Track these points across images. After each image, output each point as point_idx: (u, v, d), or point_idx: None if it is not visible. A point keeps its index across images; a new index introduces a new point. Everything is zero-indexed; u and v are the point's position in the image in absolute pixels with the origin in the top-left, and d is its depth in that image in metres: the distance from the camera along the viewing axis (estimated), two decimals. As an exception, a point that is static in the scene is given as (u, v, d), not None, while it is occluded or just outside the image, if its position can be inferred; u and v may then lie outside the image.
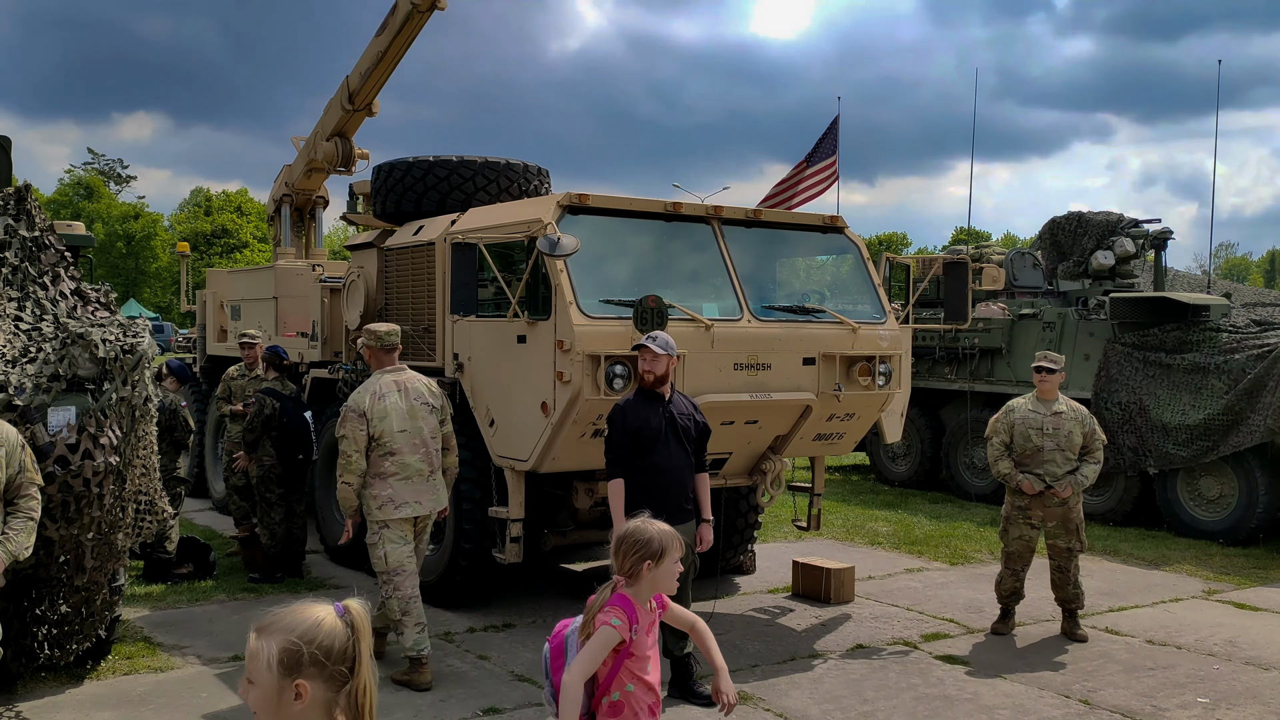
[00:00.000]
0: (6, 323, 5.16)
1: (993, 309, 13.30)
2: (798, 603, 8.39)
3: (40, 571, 5.33)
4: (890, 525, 11.64)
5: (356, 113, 12.04)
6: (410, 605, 6.27)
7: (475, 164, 8.60)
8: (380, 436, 6.23)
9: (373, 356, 6.55)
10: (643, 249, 7.42)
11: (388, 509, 6.25)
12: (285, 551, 8.70)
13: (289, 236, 13.24)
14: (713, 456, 7.47)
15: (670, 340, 6.01)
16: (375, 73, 11.41)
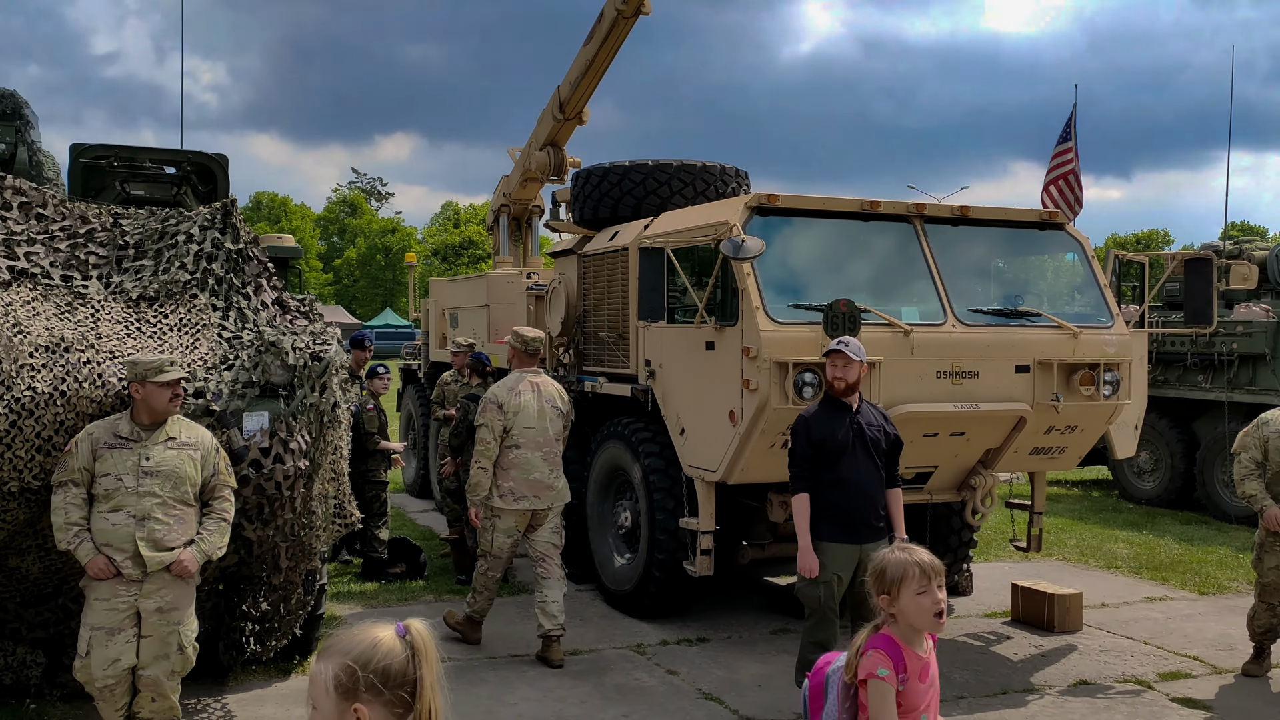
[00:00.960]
0: (211, 331, 5.43)
1: (1254, 310, 11.97)
2: (1016, 629, 7.76)
3: (243, 570, 5.58)
4: (1131, 547, 10.65)
5: (567, 121, 12.20)
6: (490, 585, 6.98)
7: (670, 168, 8.48)
8: (510, 430, 6.75)
9: (515, 357, 7.05)
10: (837, 251, 7.06)
11: (507, 499, 6.77)
12: (489, 555, 8.85)
13: (506, 245, 13.60)
14: (916, 470, 7.03)
15: (861, 346, 5.69)
16: (584, 81, 11.52)
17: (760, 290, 6.42)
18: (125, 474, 4.65)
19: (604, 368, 8.45)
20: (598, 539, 8.36)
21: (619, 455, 8.01)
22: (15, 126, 7.21)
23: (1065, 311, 7.32)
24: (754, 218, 6.67)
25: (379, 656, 1.87)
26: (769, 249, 6.69)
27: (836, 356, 5.66)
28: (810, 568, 5.59)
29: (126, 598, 4.65)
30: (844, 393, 5.69)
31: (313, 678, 1.92)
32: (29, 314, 4.99)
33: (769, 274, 6.63)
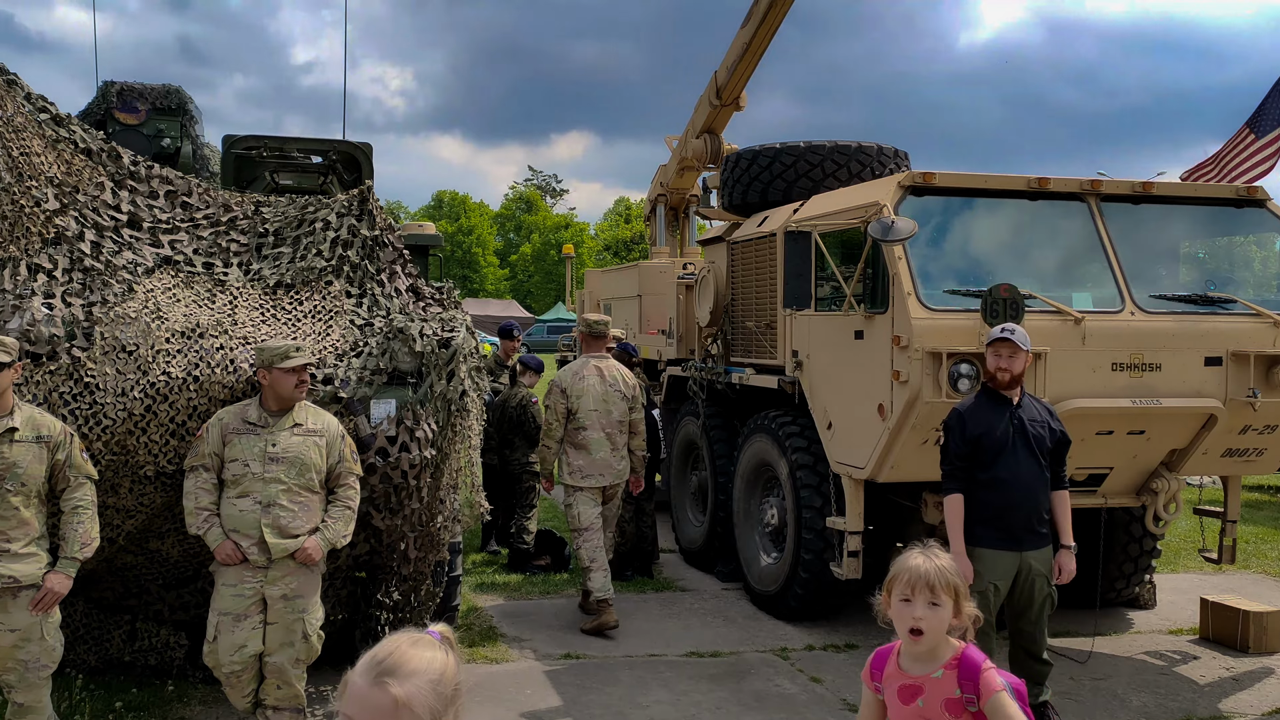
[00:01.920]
0: (343, 318, 5.41)
1: None
2: (1205, 649, 7.04)
3: (375, 559, 5.55)
4: (1342, 561, 9.60)
5: (725, 107, 11.91)
6: (596, 554, 7.15)
7: (823, 149, 8.07)
8: (575, 412, 7.21)
9: (584, 341, 7.54)
10: (1000, 233, 6.53)
11: (576, 477, 7.27)
12: (635, 550, 8.67)
13: (664, 235, 13.40)
14: (1089, 471, 6.45)
15: (1026, 335, 5.22)
16: (741, 64, 11.20)
17: (913, 275, 5.98)
18: (252, 460, 4.65)
19: (752, 358, 8.14)
20: (744, 536, 8.06)
21: (766, 450, 7.68)
22: (181, 122, 7.43)
23: (1268, 298, 6.56)
24: (907, 198, 6.23)
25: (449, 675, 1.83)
26: (923, 231, 6.26)
27: (1001, 346, 5.20)
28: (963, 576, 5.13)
29: (253, 584, 4.65)
30: (1007, 386, 5.23)
31: (366, 695, 1.75)
32: (170, 300, 5.07)
33: (923, 258, 6.18)
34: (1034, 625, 5.40)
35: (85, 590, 5.46)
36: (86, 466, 4.41)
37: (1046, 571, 5.27)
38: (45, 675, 4.35)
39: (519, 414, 8.92)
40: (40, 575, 4.28)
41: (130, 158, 5.55)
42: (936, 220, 6.37)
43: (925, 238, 6.24)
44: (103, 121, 7.48)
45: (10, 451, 4.22)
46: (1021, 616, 5.39)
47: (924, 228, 6.28)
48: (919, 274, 6.04)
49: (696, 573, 8.95)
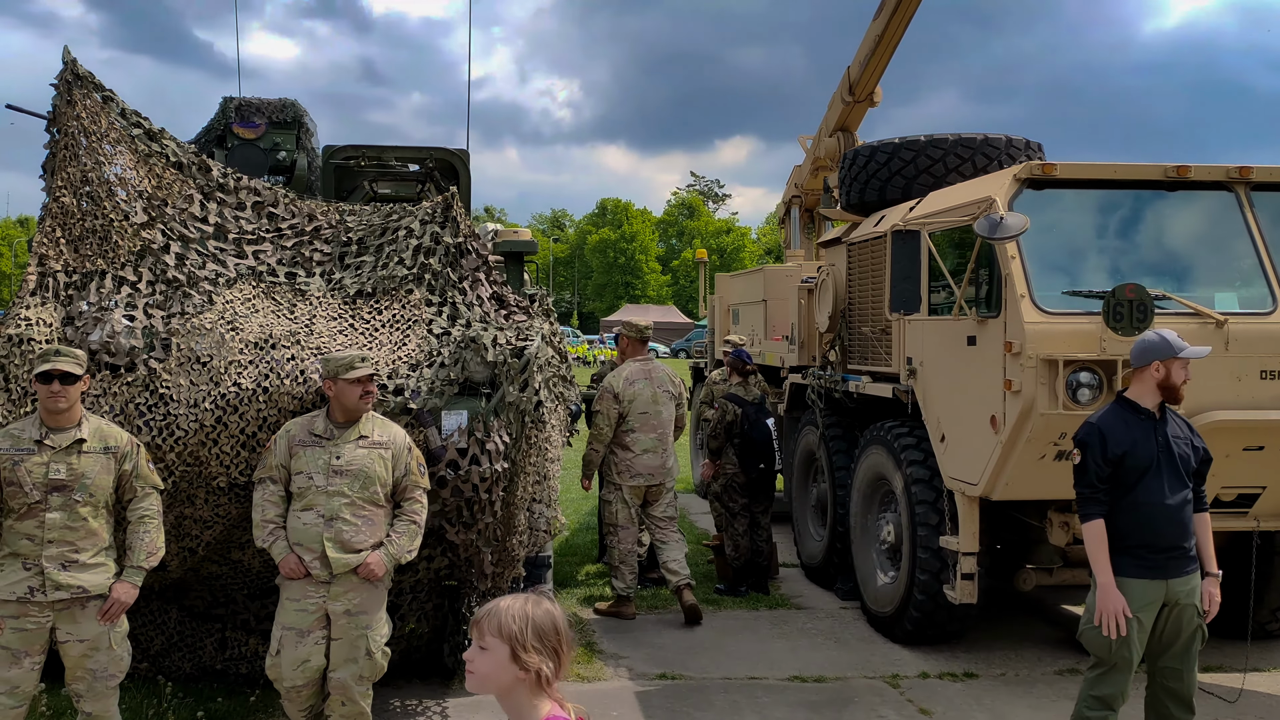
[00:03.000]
0: (421, 327, 5.33)
1: None
2: (1380, 691, 6.25)
3: (456, 573, 5.44)
4: None
5: (858, 104, 11.51)
6: (628, 556, 7.55)
7: (945, 142, 7.58)
8: (627, 415, 7.45)
9: (629, 345, 7.79)
10: (1132, 228, 5.94)
11: (624, 475, 7.51)
12: (749, 565, 8.36)
13: (798, 238, 13.03)
14: (1239, 491, 5.83)
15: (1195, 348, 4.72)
16: (874, 59, 10.80)
17: (1027, 276, 5.50)
18: (316, 472, 4.60)
19: (868, 366, 7.72)
20: (860, 553, 7.65)
21: (881, 463, 7.26)
22: (296, 135, 7.55)
23: None
24: (1024, 192, 5.74)
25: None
26: (1043, 227, 5.76)
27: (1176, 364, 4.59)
28: (1115, 609, 4.53)
29: (316, 599, 4.59)
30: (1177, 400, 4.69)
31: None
32: (248, 311, 5.09)
33: (1041, 257, 5.68)
34: (1181, 662, 4.81)
35: (178, 599, 5.55)
36: (153, 477, 4.44)
37: (1195, 601, 4.71)
38: (113, 685, 4.38)
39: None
40: (108, 585, 4.32)
41: (220, 170, 5.62)
42: (1058, 216, 5.86)
43: (1044, 235, 5.75)
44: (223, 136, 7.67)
45: (79, 463, 4.28)
46: (1166, 652, 4.78)
47: (1043, 224, 5.79)
48: (1035, 275, 5.55)
49: (816, 590, 8.56)
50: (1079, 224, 5.91)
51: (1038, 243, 5.71)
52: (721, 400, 8.47)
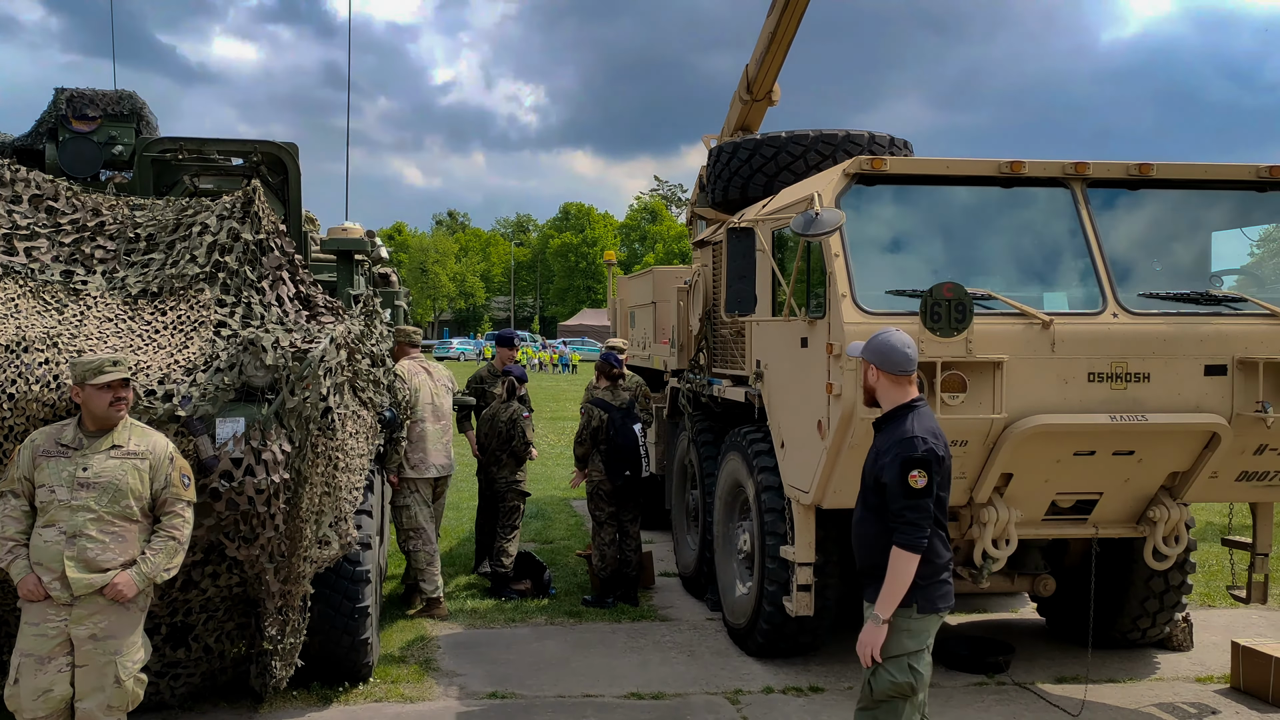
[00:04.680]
0: (208, 329, 5.02)
1: None
2: (1231, 701, 6.08)
3: (249, 592, 5.14)
4: None
5: (757, 103, 11.28)
6: (434, 559, 7.60)
7: (806, 139, 7.37)
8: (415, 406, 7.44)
9: (399, 349, 7.71)
10: (966, 226, 5.74)
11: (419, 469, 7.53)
12: (616, 575, 8.09)
13: (704, 240, 12.79)
14: (1076, 497, 5.63)
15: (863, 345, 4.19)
16: (768, 56, 10.57)
17: (850, 275, 5.27)
18: (59, 485, 4.28)
19: (730, 369, 7.49)
20: (722, 563, 7.41)
21: (738, 469, 7.02)
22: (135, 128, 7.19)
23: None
24: (854, 187, 5.52)
25: None
26: (871, 224, 5.55)
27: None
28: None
29: (56, 623, 4.27)
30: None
31: None
32: (5, 312, 4.76)
33: (870, 255, 5.47)
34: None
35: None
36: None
37: None
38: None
39: (508, 429, 8.43)
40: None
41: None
42: (889, 212, 5.64)
43: (872, 232, 5.54)
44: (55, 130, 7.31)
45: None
46: None
47: (873, 221, 5.58)
48: (862, 274, 5.33)
49: (688, 600, 8.31)
50: (913, 221, 5.70)
51: (867, 241, 5.49)
52: (587, 405, 8.21)
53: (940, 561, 3.86)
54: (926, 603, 3.83)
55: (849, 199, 5.47)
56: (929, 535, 3.76)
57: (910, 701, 3.84)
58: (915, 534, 3.74)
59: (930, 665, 3.92)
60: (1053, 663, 6.71)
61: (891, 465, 3.77)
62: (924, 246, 5.66)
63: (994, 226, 5.71)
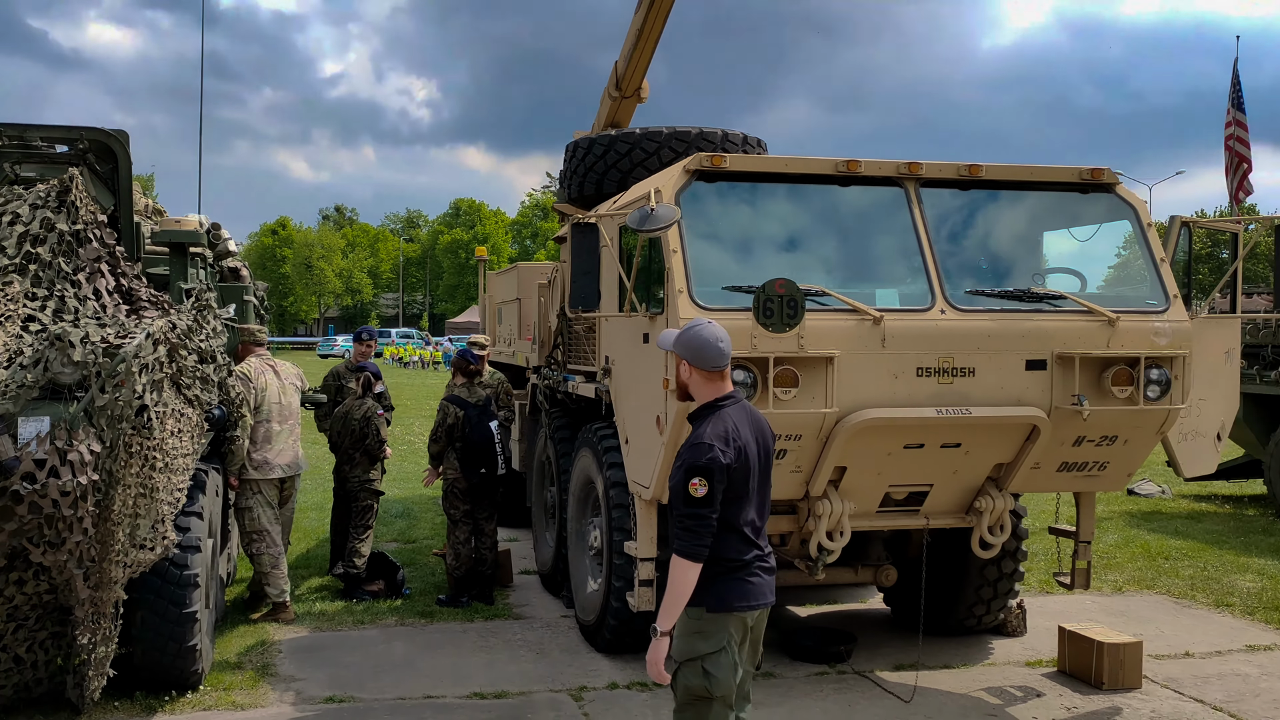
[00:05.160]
0: (14, 324, 4.78)
1: None
2: (1057, 684, 6.31)
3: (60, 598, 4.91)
4: (1260, 580, 8.82)
5: (626, 99, 11.27)
6: (279, 561, 7.42)
7: (660, 135, 7.41)
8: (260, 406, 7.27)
9: (244, 349, 7.53)
10: (803, 223, 5.83)
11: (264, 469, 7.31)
12: (471, 574, 8.00)
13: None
14: (908, 489, 5.76)
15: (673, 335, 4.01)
16: (636, 52, 10.56)
17: (687, 271, 5.30)
18: None
19: (583, 365, 7.47)
20: (575, 559, 7.39)
21: (589, 466, 7.02)
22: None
23: (1106, 294, 5.85)
24: (694, 184, 5.55)
25: None
26: (710, 221, 5.59)
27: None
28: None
29: None
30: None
31: None
32: None
33: (709, 251, 5.51)
34: None
35: None
36: None
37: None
38: None
39: (362, 427, 8.26)
40: None
41: None
42: (730, 209, 5.69)
43: (712, 228, 5.58)
44: None
45: None
46: None
47: (714, 217, 5.62)
48: (700, 269, 5.36)
49: (546, 598, 8.27)
50: (753, 218, 5.76)
51: (707, 237, 5.53)
52: (443, 403, 8.10)
53: (733, 559, 3.74)
54: (717, 602, 3.71)
55: (689, 195, 5.50)
56: (708, 544, 3.65)
57: (715, 703, 3.72)
58: (694, 541, 3.65)
59: (735, 666, 3.77)
60: (895, 651, 6.86)
61: (677, 470, 3.70)
62: (763, 243, 5.73)
63: (832, 224, 5.81)
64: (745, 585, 3.76)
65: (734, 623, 3.74)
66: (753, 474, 3.77)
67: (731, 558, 3.73)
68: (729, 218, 5.68)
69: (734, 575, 3.74)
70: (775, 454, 5.33)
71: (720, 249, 5.60)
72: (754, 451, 3.78)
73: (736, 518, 3.73)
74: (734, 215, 5.70)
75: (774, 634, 7.12)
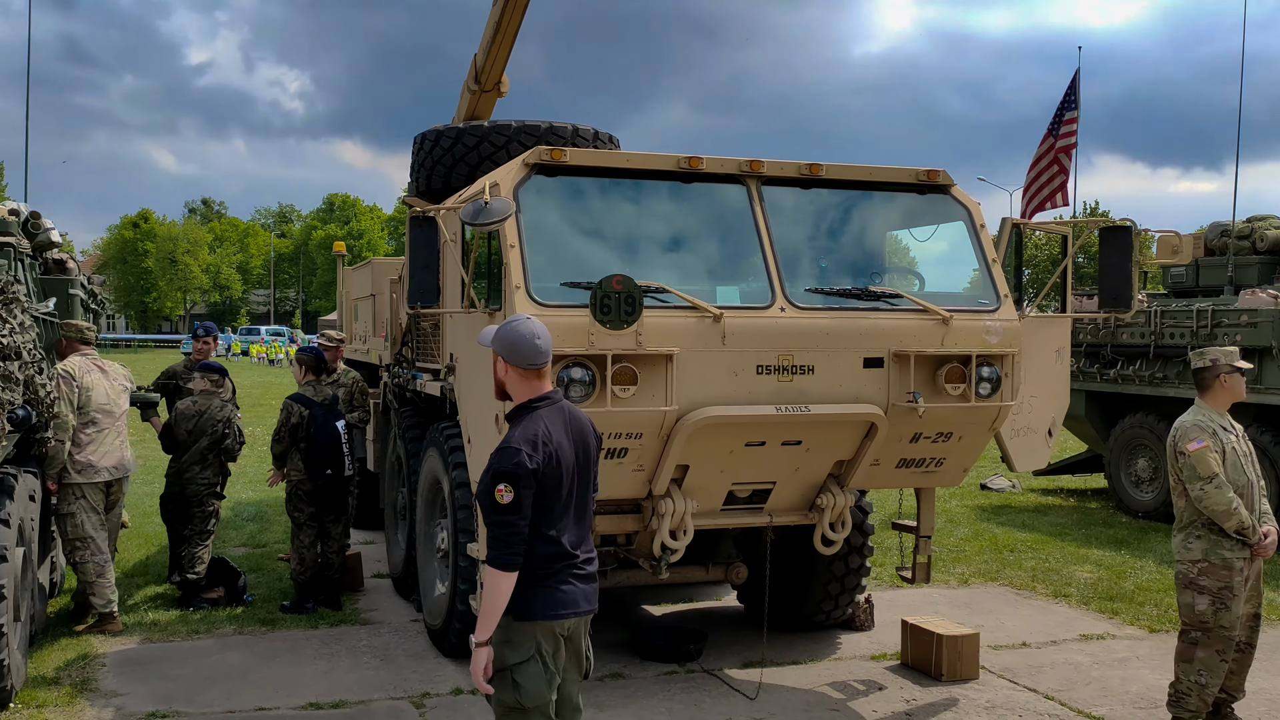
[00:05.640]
0: None
1: (1261, 298, 10.35)
2: (898, 677, 6.42)
3: None
4: (1097, 571, 9.16)
5: (486, 93, 11.10)
6: (105, 569, 7.01)
7: (509, 129, 7.28)
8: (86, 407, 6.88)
9: (68, 345, 7.12)
10: (646, 219, 5.79)
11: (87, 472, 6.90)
12: (317, 579, 7.74)
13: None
14: (752, 487, 5.77)
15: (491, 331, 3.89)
16: (494, 46, 10.41)
17: (525, 266, 5.19)
18: None
19: (431, 363, 7.29)
20: (424, 562, 7.21)
21: (436, 466, 6.85)
22: None
23: (940, 293, 5.96)
24: (533, 178, 5.45)
25: None
26: (555, 215, 5.51)
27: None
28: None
29: None
30: None
31: None
32: None
33: (549, 247, 5.41)
34: None
35: None
36: None
37: None
38: None
39: (223, 428, 7.84)
40: None
41: None
42: (571, 204, 5.61)
43: (553, 223, 5.49)
44: None
45: None
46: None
47: (555, 212, 5.54)
48: (538, 265, 5.26)
49: (398, 602, 8.06)
50: (595, 214, 5.69)
51: (547, 232, 5.44)
52: (286, 401, 7.81)
53: (540, 567, 3.58)
54: (523, 610, 3.58)
55: (529, 189, 5.40)
56: (520, 552, 3.52)
57: (531, 714, 3.56)
58: (504, 551, 3.52)
59: (547, 677, 3.61)
60: (746, 648, 6.88)
61: (484, 477, 3.56)
62: (605, 239, 5.66)
63: (675, 221, 5.78)
64: (554, 593, 3.61)
65: (542, 631, 3.60)
66: (566, 479, 3.63)
67: (538, 565, 3.60)
68: (570, 213, 5.60)
69: (541, 583, 3.60)
70: (616, 453, 5.32)
71: (561, 245, 5.51)
72: (569, 455, 3.65)
73: (546, 524, 3.60)
74: (575, 211, 5.62)
75: (626, 634, 7.09)
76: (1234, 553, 5.18)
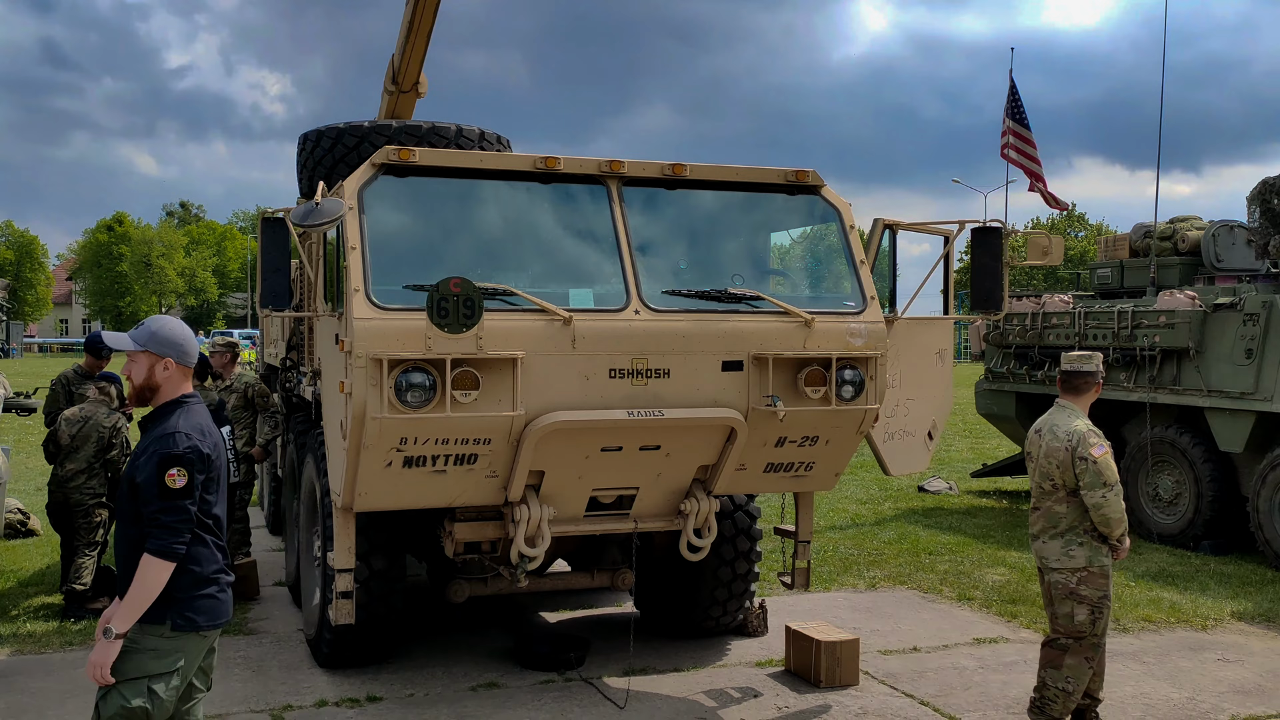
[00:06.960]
0: None
1: (1179, 299, 10.32)
2: (781, 684, 6.32)
3: None
4: (1007, 574, 9.09)
5: (404, 94, 10.97)
6: None
7: (389, 130, 7.17)
8: None
9: None
10: (500, 221, 5.68)
11: None
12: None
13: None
14: (617, 493, 5.66)
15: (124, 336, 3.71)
16: (409, 46, 10.29)
17: (366, 268, 5.08)
18: None
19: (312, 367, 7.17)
20: (306, 571, 7.09)
21: (313, 472, 6.72)
22: None
23: (805, 296, 5.88)
24: (380, 178, 5.33)
25: None
26: (405, 217, 5.40)
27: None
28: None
29: None
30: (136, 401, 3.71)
31: None
32: None
33: (396, 249, 5.30)
34: None
35: None
36: None
37: None
38: None
39: (110, 436, 7.69)
40: None
41: None
42: (423, 205, 5.50)
43: (402, 225, 5.38)
44: None
45: None
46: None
47: (405, 213, 5.43)
48: (383, 267, 5.14)
49: (291, 611, 7.91)
50: (447, 215, 5.58)
51: (395, 234, 5.33)
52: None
53: (205, 572, 3.49)
54: (184, 620, 3.42)
55: (376, 190, 5.28)
56: (189, 542, 3.46)
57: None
58: (171, 539, 3.38)
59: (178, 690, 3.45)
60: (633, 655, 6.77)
61: (148, 463, 3.42)
62: (458, 242, 5.55)
63: (532, 223, 5.67)
64: (214, 601, 3.53)
65: (194, 643, 3.49)
66: (222, 478, 3.59)
67: (201, 567, 3.48)
68: (421, 215, 5.49)
69: (203, 590, 3.48)
70: (465, 459, 5.22)
71: (408, 247, 5.40)
72: (222, 455, 3.61)
73: (213, 522, 3.53)
74: (426, 212, 5.51)
75: (510, 641, 6.98)
76: (1108, 559, 5.12)
